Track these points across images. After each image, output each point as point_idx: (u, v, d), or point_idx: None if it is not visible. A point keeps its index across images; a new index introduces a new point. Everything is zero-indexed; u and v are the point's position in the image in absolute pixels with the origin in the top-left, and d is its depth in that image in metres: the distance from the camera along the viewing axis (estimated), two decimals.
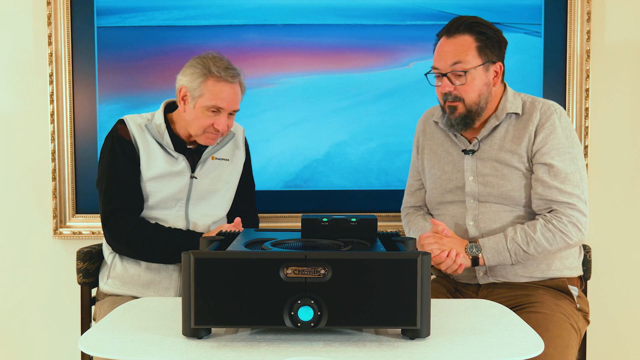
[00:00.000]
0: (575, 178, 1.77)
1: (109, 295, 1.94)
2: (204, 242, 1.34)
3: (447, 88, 1.80)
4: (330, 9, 2.43)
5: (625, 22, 2.43)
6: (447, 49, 1.80)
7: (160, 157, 1.91)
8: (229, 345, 1.15)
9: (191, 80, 1.86)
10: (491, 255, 1.76)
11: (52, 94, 2.42)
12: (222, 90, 1.85)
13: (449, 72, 1.79)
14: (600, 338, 2.50)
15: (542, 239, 1.73)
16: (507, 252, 1.75)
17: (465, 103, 1.80)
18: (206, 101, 1.85)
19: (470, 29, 1.79)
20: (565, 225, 1.73)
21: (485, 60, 1.80)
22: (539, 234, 1.73)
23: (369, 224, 1.41)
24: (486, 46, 1.80)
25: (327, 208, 2.46)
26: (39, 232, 2.49)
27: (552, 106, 1.83)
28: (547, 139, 1.78)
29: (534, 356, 1.12)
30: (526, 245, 1.74)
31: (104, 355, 1.12)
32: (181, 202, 1.93)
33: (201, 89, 1.85)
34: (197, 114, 1.87)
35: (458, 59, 1.78)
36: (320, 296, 1.13)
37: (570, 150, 1.78)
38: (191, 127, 1.90)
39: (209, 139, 1.91)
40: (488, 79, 1.82)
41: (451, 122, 1.84)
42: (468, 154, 1.88)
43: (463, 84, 1.79)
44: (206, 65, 1.85)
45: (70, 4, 2.40)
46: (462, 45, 1.78)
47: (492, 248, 1.76)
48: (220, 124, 1.87)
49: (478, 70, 1.79)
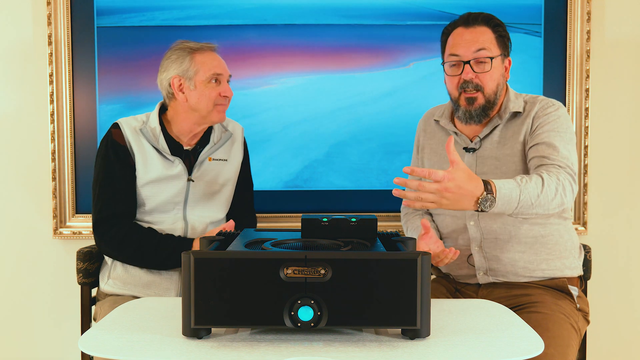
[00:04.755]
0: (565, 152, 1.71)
1: (109, 295, 1.94)
2: (203, 242, 1.34)
3: (469, 75, 1.78)
4: (330, 9, 2.43)
5: (625, 22, 2.44)
6: (469, 37, 1.79)
7: (157, 161, 1.90)
8: (229, 345, 1.15)
9: (179, 65, 1.88)
10: (498, 209, 1.52)
11: (52, 94, 2.42)
12: (211, 59, 1.90)
13: (471, 59, 1.78)
14: (600, 338, 2.50)
15: (549, 190, 1.57)
16: (516, 203, 1.53)
17: (484, 93, 1.80)
18: (205, 73, 1.88)
19: (487, 21, 1.81)
20: (562, 182, 1.61)
21: (502, 52, 1.82)
22: (546, 184, 1.58)
23: (369, 224, 1.41)
24: (501, 40, 1.82)
25: (327, 208, 2.46)
26: (39, 232, 2.49)
27: (551, 101, 1.84)
28: (540, 125, 1.79)
29: (534, 356, 1.12)
30: (536, 197, 1.55)
31: (104, 355, 1.12)
32: (179, 205, 1.93)
33: (194, 66, 1.88)
34: (202, 90, 1.88)
35: (482, 47, 1.78)
36: (320, 296, 1.13)
37: (563, 135, 1.76)
38: (200, 108, 1.89)
39: (220, 111, 1.92)
40: (503, 71, 1.84)
41: (470, 114, 1.82)
42: (469, 152, 1.87)
43: (487, 72, 1.78)
44: (183, 48, 1.90)
45: (70, 4, 2.40)
46: (483, 34, 1.79)
47: (504, 200, 1.52)
48: (225, 90, 1.91)
49: (498, 60, 1.80)
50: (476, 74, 1.78)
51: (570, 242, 1.86)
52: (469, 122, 1.84)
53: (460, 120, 1.87)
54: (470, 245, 1.86)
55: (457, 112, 1.85)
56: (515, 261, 1.82)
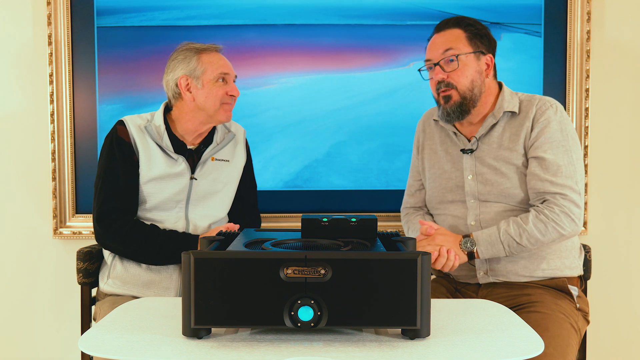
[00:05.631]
0: (568, 170, 1.76)
1: (109, 295, 1.94)
2: (203, 242, 1.34)
3: (439, 75, 1.83)
4: (330, 9, 2.43)
5: (625, 22, 2.44)
6: (439, 40, 1.85)
7: (160, 159, 1.91)
8: (229, 345, 1.15)
9: (186, 65, 1.91)
10: (485, 248, 1.76)
11: (52, 94, 2.42)
12: (218, 59, 1.93)
13: (440, 60, 1.82)
14: (600, 338, 2.50)
15: (535, 229, 1.73)
16: (501, 244, 1.74)
17: (458, 90, 1.82)
18: (212, 72, 1.90)
19: (458, 23, 1.85)
20: (557, 215, 1.73)
21: (475, 49, 1.83)
22: (530, 224, 1.73)
23: (369, 224, 1.41)
24: (475, 37, 1.84)
25: (327, 208, 2.46)
26: (39, 232, 2.50)
27: (548, 101, 1.83)
28: (540, 132, 1.79)
29: (534, 356, 1.12)
30: (519, 237, 1.73)
31: (104, 355, 1.12)
32: (181, 203, 1.93)
33: (201, 66, 1.90)
34: (209, 89, 1.90)
35: (449, 47, 1.82)
36: (320, 296, 1.13)
37: (565, 143, 1.78)
38: (207, 107, 1.91)
39: (227, 110, 1.94)
40: (480, 68, 1.84)
41: (447, 112, 1.85)
42: (467, 153, 1.88)
43: (455, 69, 1.81)
44: (190, 49, 1.93)
45: (70, 4, 2.40)
46: (452, 35, 1.84)
47: (486, 241, 1.76)
48: (232, 89, 1.94)
49: (469, 57, 1.82)
50: (447, 73, 1.82)
51: (570, 242, 1.86)
52: (448, 120, 1.87)
53: (441, 119, 1.90)
54: None
55: (439, 112, 1.89)
56: (515, 261, 1.82)
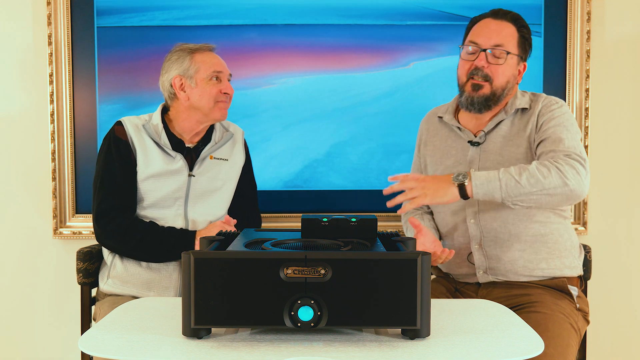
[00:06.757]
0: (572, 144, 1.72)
1: (109, 295, 1.94)
2: (203, 242, 1.34)
3: (481, 62, 1.81)
4: (330, 9, 2.43)
5: (625, 22, 2.44)
6: (494, 27, 1.82)
7: (158, 156, 1.92)
8: (229, 345, 1.15)
9: (180, 65, 1.93)
10: (480, 182, 1.63)
11: (52, 94, 2.42)
12: (211, 57, 1.95)
13: (489, 48, 1.80)
14: (600, 338, 2.50)
15: (537, 170, 1.63)
16: (498, 181, 1.62)
17: (492, 85, 1.81)
18: (205, 71, 1.92)
19: (515, 21, 1.84)
20: (562, 165, 1.64)
21: (520, 54, 1.84)
22: (533, 165, 1.64)
23: (369, 224, 1.41)
24: (524, 41, 1.85)
25: (327, 208, 2.46)
26: (39, 232, 2.50)
27: (554, 99, 1.86)
28: (545, 123, 1.79)
29: (534, 356, 1.12)
30: (518, 175, 1.62)
31: (104, 355, 1.12)
32: (180, 200, 1.94)
33: (195, 65, 1.92)
34: (203, 87, 1.91)
35: (502, 42, 1.81)
36: (320, 296, 1.13)
37: (570, 128, 1.77)
38: (202, 105, 1.92)
39: (222, 108, 1.95)
40: (516, 72, 1.85)
41: (472, 100, 1.83)
42: (474, 145, 1.87)
43: (500, 65, 1.80)
44: (183, 49, 1.95)
45: (70, 4, 2.40)
46: (508, 30, 1.82)
47: (482, 176, 1.64)
48: (226, 87, 1.95)
49: (514, 59, 1.83)
50: (489, 64, 1.81)
51: (569, 241, 1.86)
52: (469, 108, 1.85)
53: (461, 106, 1.88)
54: (470, 244, 1.86)
55: (460, 97, 1.87)
56: (515, 260, 1.82)
